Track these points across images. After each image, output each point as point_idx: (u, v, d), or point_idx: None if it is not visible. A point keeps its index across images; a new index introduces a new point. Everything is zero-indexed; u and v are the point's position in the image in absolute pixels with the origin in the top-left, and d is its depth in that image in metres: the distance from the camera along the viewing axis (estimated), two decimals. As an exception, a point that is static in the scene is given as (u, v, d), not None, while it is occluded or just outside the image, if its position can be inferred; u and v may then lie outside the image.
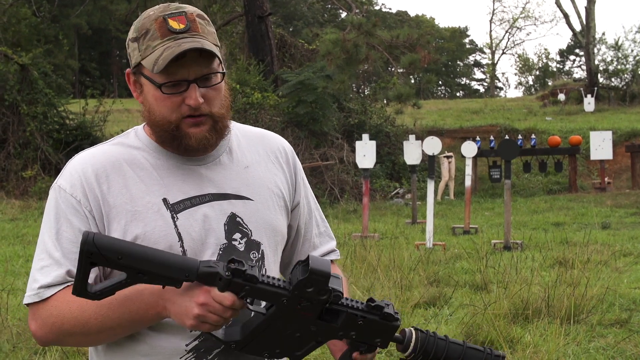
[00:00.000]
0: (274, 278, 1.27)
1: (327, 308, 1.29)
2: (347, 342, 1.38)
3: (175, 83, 1.41)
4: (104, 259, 1.19)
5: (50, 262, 1.43)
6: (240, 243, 1.50)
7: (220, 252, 1.47)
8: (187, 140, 1.44)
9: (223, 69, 1.48)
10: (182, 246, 1.44)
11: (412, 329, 1.39)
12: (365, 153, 10.67)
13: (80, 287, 1.22)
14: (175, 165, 1.50)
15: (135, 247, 1.25)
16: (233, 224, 1.49)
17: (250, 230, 1.51)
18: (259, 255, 1.52)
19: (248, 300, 1.28)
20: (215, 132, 1.46)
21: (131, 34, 1.46)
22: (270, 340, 1.32)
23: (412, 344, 1.36)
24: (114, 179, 1.46)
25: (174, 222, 1.44)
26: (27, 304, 1.44)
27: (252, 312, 1.31)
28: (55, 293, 1.40)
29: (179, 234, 1.44)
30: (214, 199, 1.49)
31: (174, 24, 1.41)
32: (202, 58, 1.42)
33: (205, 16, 1.49)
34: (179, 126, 1.44)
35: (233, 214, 1.50)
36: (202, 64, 1.42)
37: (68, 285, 1.40)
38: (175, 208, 1.46)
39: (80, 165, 1.47)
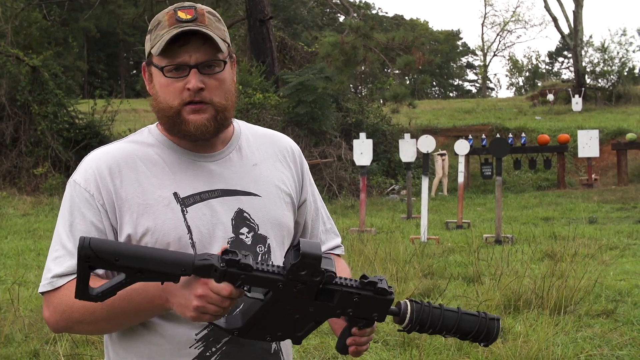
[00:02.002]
0: (268, 264, 1.27)
1: (322, 289, 1.29)
2: (346, 319, 1.39)
3: (176, 67, 1.42)
4: (101, 261, 1.19)
5: (63, 253, 1.45)
6: (247, 237, 1.51)
7: (228, 245, 1.48)
8: (185, 127, 1.45)
9: (228, 61, 1.49)
10: (191, 238, 1.45)
11: (407, 301, 1.39)
12: (363, 151, 10.74)
13: (81, 290, 1.22)
14: (187, 161, 1.50)
15: (131, 248, 1.24)
16: (240, 218, 1.50)
17: (257, 225, 1.52)
18: (265, 249, 1.53)
19: (245, 288, 1.28)
20: (215, 122, 1.46)
21: (149, 28, 1.51)
22: (271, 324, 1.33)
23: (407, 316, 1.38)
24: (127, 174, 1.47)
25: (184, 215, 1.45)
26: (42, 293, 1.46)
27: (251, 299, 1.32)
28: (67, 282, 1.42)
29: (188, 227, 1.45)
30: (223, 195, 1.50)
31: (182, 15, 1.44)
32: (206, 46, 1.43)
33: (217, 14, 1.51)
34: (180, 112, 1.44)
35: (240, 209, 1.51)
36: (205, 51, 1.43)
37: None
38: (185, 202, 1.47)
39: (95, 162, 1.49)
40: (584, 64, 28.57)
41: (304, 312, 1.31)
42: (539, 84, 41.20)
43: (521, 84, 64.06)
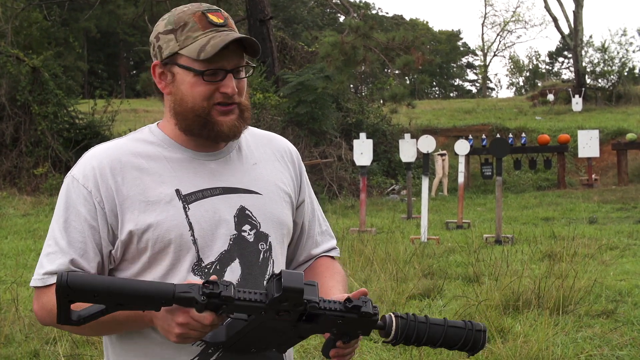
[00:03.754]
0: (250, 292, 1.26)
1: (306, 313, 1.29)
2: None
3: (214, 71, 1.45)
4: (80, 297, 1.19)
5: (56, 250, 1.45)
6: (249, 234, 1.52)
7: (231, 242, 1.49)
8: (218, 127, 1.47)
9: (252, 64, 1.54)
10: (192, 235, 1.45)
11: (392, 315, 1.38)
12: (363, 151, 10.75)
13: (62, 318, 1.22)
14: (188, 159, 1.52)
15: (110, 282, 1.23)
16: (242, 216, 1.52)
17: (259, 223, 1.53)
18: (267, 247, 1.54)
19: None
20: (242, 121, 1.50)
21: (163, 27, 1.48)
22: (255, 338, 1.34)
23: (393, 330, 1.37)
24: (129, 171, 1.47)
25: (185, 212, 1.46)
26: (33, 287, 1.48)
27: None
28: None
29: (189, 224, 1.45)
30: (225, 192, 1.51)
31: (213, 18, 1.45)
32: (239, 51, 1.47)
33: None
34: (210, 113, 1.46)
35: (242, 206, 1.52)
36: (239, 56, 1.47)
37: None
38: (187, 199, 1.47)
39: (96, 158, 1.48)
40: (584, 64, 28.66)
41: (287, 329, 1.32)
42: (539, 84, 41.26)
43: (521, 84, 64.19)
